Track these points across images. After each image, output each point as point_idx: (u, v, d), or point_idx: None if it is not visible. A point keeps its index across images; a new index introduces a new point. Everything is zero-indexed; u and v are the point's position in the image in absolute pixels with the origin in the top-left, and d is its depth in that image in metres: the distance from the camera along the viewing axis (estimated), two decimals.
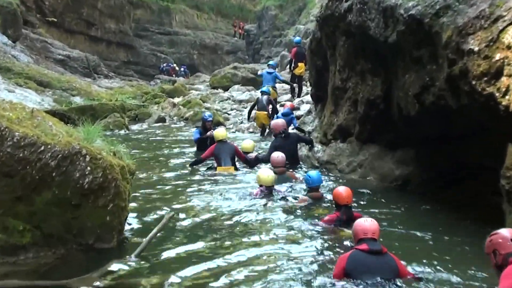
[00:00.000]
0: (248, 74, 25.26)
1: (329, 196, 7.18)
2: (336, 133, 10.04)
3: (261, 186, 7.68)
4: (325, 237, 5.91)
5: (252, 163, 10.00)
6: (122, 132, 15.61)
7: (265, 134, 14.58)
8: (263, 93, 15.59)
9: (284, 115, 12.88)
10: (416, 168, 8.21)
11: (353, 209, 6.29)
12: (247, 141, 10.67)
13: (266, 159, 9.64)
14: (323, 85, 11.20)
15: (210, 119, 11.73)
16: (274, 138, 10.42)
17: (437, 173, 7.76)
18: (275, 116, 14.09)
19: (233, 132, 15.82)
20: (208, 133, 11.34)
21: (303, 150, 10.85)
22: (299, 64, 17.64)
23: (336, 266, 4.56)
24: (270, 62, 18.10)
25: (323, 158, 10.11)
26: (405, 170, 8.40)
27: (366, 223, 4.68)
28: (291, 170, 9.09)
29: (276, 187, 7.81)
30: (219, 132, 10.13)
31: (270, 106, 14.79)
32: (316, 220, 6.41)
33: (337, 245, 5.58)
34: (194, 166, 9.93)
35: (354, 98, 9.35)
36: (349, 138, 9.66)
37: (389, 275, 4.38)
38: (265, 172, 7.81)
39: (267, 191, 7.65)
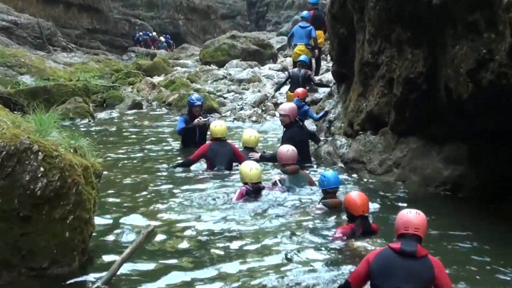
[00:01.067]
0: (250, 45, 25.28)
1: None
2: (365, 123, 10.05)
3: (245, 184, 7.85)
4: (339, 256, 6.00)
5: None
6: (86, 121, 15.63)
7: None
8: (300, 64, 15.58)
9: None
10: (470, 169, 8.23)
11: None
12: (248, 132, 10.56)
13: (272, 158, 9.71)
14: (348, 59, 11.19)
15: (199, 103, 11.73)
16: (285, 130, 10.46)
17: (497, 176, 7.78)
18: None
19: (230, 121, 15.87)
20: (196, 120, 11.35)
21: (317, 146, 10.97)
22: (317, 32, 17.62)
23: (360, 264, 4.77)
24: (304, 13, 17.95)
25: (348, 155, 10.13)
26: (455, 171, 8.42)
27: (409, 215, 4.80)
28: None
29: (267, 187, 7.98)
30: (216, 127, 10.09)
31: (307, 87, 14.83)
32: (326, 233, 6.53)
33: (353, 265, 5.66)
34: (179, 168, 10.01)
35: (388, 77, 9.36)
36: (382, 129, 9.67)
37: (416, 284, 4.50)
38: (248, 165, 7.93)
39: (253, 191, 7.80)
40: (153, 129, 14.97)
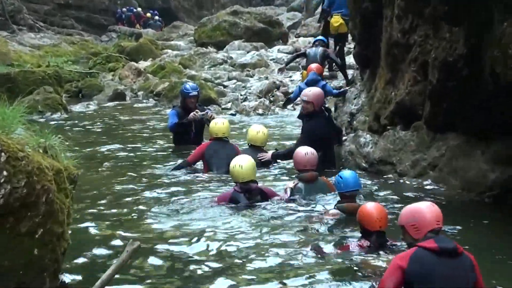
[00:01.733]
0: (255, 23, 25.33)
1: None
2: (394, 116, 10.05)
3: (236, 184, 8.02)
4: (357, 273, 6.01)
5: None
6: (58, 116, 15.67)
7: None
8: (318, 43, 15.66)
9: (310, 83, 12.91)
10: None
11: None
12: (255, 128, 10.57)
13: (288, 154, 9.69)
14: (373, 40, 11.17)
15: (195, 93, 11.76)
16: (305, 120, 10.36)
17: None
18: (297, 87, 14.15)
19: (232, 114, 15.89)
20: (191, 114, 11.35)
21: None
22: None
23: (391, 273, 4.81)
24: None
25: (374, 155, 10.13)
26: (504, 173, 8.38)
27: (432, 208, 4.98)
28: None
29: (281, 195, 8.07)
30: (217, 125, 10.21)
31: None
32: (337, 244, 6.60)
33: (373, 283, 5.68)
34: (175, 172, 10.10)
35: (422, 60, 9.34)
36: (415, 123, 9.67)
37: (463, 286, 4.68)
38: (239, 160, 8.09)
39: (243, 191, 7.93)
40: (138, 125, 15.02)
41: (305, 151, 8.51)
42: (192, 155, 10.11)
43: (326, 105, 10.71)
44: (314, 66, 13.94)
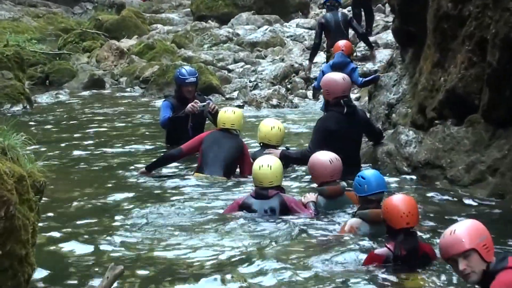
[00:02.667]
0: None
1: None
2: (444, 107, 10.03)
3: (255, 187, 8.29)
4: None
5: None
6: (19, 108, 15.69)
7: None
8: (333, 4, 15.75)
9: (337, 66, 12.94)
10: None
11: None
12: (269, 123, 10.60)
13: (301, 158, 9.72)
14: (416, 11, 11.15)
15: (192, 79, 11.77)
16: (324, 113, 10.38)
17: None
18: (320, 72, 14.18)
19: (238, 106, 15.89)
20: (189, 106, 11.35)
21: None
22: None
23: None
24: None
25: (418, 157, 10.11)
26: None
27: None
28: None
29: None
30: (227, 113, 10.30)
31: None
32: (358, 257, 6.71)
33: None
34: (159, 170, 10.26)
35: (479, 37, 9.34)
36: (470, 116, 9.66)
37: None
38: (268, 160, 8.30)
39: (260, 197, 8.13)
40: (121, 120, 15.03)
41: (329, 158, 8.47)
42: (188, 145, 10.19)
43: (356, 94, 10.61)
44: (342, 43, 13.91)
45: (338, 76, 10.40)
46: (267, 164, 8.22)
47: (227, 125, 10.14)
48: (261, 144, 10.32)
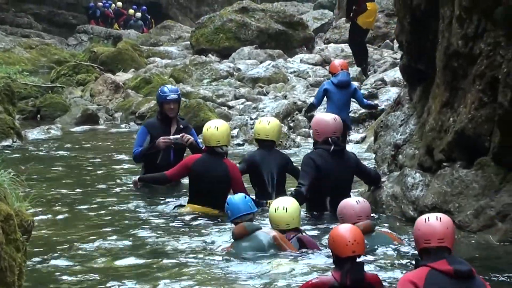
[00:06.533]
0: (272, 23, 25.45)
1: None
2: (453, 149, 10.02)
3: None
4: None
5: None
6: (8, 143, 15.70)
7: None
8: None
9: (342, 85, 13.22)
10: None
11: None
12: (264, 119, 11.06)
13: (296, 195, 9.58)
14: (426, 49, 11.18)
15: (174, 96, 11.82)
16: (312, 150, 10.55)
17: None
18: (321, 88, 14.38)
19: (238, 144, 15.92)
20: (160, 140, 11.31)
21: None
22: (368, 4, 17.82)
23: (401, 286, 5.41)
24: None
25: (425, 200, 10.09)
26: None
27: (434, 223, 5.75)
28: None
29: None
30: (210, 129, 10.25)
31: None
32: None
33: None
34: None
35: (490, 76, 9.34)
36: (480, 158, 9.65)
37: None
38: (284, 202, 8.42)
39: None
40: (114, 157, 15.01)
41: (356, 199, 8.68)
42: (173, 171, 10.31)
43: (362, 134, 10.70)
44: (338, 63, 14.07)
45: (329, 117, 10.54)
46: (283, 207, 8.32)
47: (212, 143, 10.14)
48: (257, 140, 10.80)
